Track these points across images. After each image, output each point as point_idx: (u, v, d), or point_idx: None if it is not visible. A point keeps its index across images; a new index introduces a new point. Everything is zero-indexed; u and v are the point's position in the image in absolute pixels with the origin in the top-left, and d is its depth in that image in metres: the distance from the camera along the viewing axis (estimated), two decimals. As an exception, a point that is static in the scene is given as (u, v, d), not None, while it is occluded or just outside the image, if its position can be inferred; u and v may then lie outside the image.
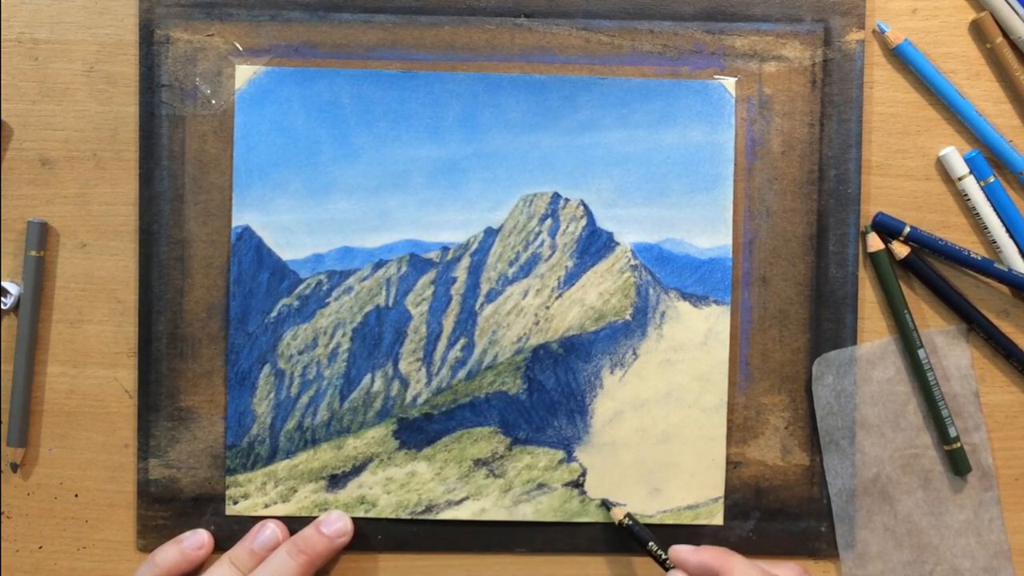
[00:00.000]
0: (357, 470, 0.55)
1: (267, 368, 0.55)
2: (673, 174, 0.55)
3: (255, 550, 0.53)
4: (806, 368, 0.56)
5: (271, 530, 0.54)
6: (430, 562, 0.56)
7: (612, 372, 0.56)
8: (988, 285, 0.56)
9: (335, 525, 0.54)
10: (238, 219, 0.55)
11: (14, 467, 0.56)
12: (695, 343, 0.56)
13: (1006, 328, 0.56)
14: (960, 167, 0.56)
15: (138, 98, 0.55)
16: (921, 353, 0.55)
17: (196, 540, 0.54)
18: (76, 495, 0.56)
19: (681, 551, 0.51)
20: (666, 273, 0.56)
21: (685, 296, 0.56)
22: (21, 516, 0.56)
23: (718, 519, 0.56)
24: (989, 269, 0.55)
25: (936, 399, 0.55)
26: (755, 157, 0.56)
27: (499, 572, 0.56)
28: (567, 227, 0.56)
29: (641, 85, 0.55)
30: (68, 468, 0.56)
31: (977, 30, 0.56)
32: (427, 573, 0.56)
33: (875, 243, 0.55)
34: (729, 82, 0.55)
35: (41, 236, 0.55)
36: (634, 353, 0.56)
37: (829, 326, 0.56)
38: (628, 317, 0.56)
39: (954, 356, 0.56)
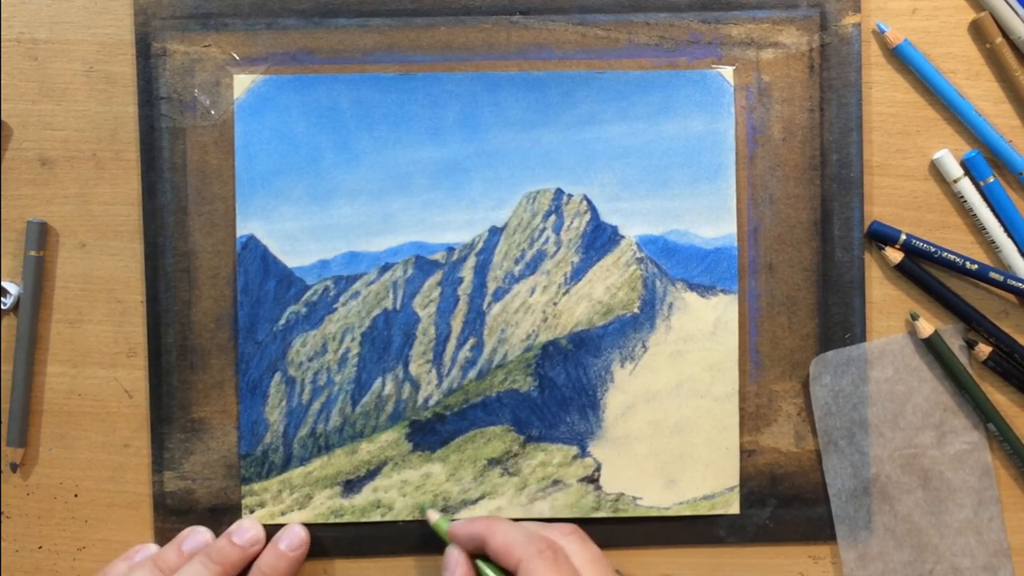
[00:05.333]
0: (372, 474, 0.55)
1: (278, 376, 0.55)
2: (675, 165, 0.55)
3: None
4: (816, 353, 0.56)
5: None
6: (448, 563, 0.56)
7: (622, 366, 0.56)
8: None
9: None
10: (242, 228, 0.55)
11: (14, 467, 0.56)
12: (704, 333, 0.56)
13: (1006, 328, 0.56)
14: (954, 170, 0.56)
15: (137, 99, 0.55)
16: (991, 427, 0.56)
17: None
18: (76, 495, 0.56)
19: (455, 526, 0.52)
20: (672, 264, 0.56)
21: (692, 287, 0.56)
22: (21, 516, 0.56)
23: (734, 508, 0.56)
24: (986, 277, 0.55)
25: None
26: (756, 145, 0.56)
27: (518, 570, 0.56)
28: (571, 222, 0.56)
29: (639, 78, 0.55)
30: (68, 468, 0.56)
31: (977, 30, 0.56)
32: (446, 574, 0.56)
33: (925, 329, 0.55)
34: (727, 71, 0.55)
35: (41, 236, 0.55)
36: (643, 346, 0.56)
37: (838, 311, 0.56)
38: (636, 310, 0.56)
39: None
